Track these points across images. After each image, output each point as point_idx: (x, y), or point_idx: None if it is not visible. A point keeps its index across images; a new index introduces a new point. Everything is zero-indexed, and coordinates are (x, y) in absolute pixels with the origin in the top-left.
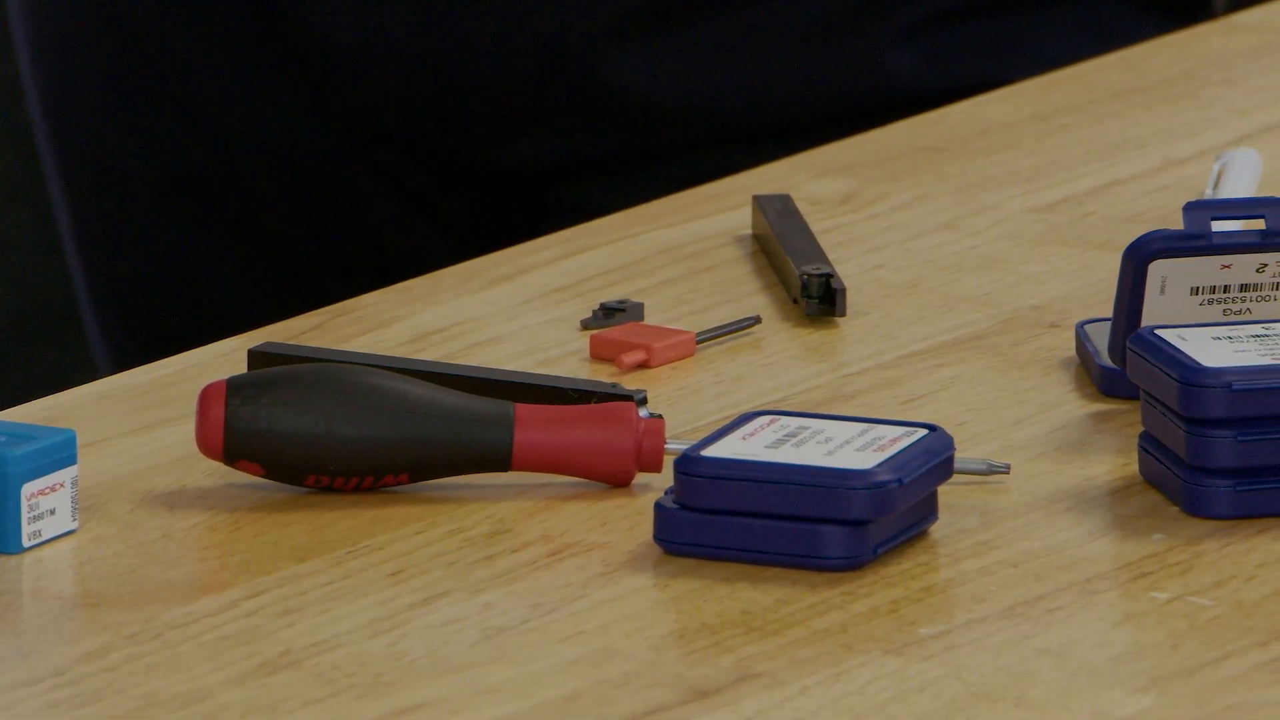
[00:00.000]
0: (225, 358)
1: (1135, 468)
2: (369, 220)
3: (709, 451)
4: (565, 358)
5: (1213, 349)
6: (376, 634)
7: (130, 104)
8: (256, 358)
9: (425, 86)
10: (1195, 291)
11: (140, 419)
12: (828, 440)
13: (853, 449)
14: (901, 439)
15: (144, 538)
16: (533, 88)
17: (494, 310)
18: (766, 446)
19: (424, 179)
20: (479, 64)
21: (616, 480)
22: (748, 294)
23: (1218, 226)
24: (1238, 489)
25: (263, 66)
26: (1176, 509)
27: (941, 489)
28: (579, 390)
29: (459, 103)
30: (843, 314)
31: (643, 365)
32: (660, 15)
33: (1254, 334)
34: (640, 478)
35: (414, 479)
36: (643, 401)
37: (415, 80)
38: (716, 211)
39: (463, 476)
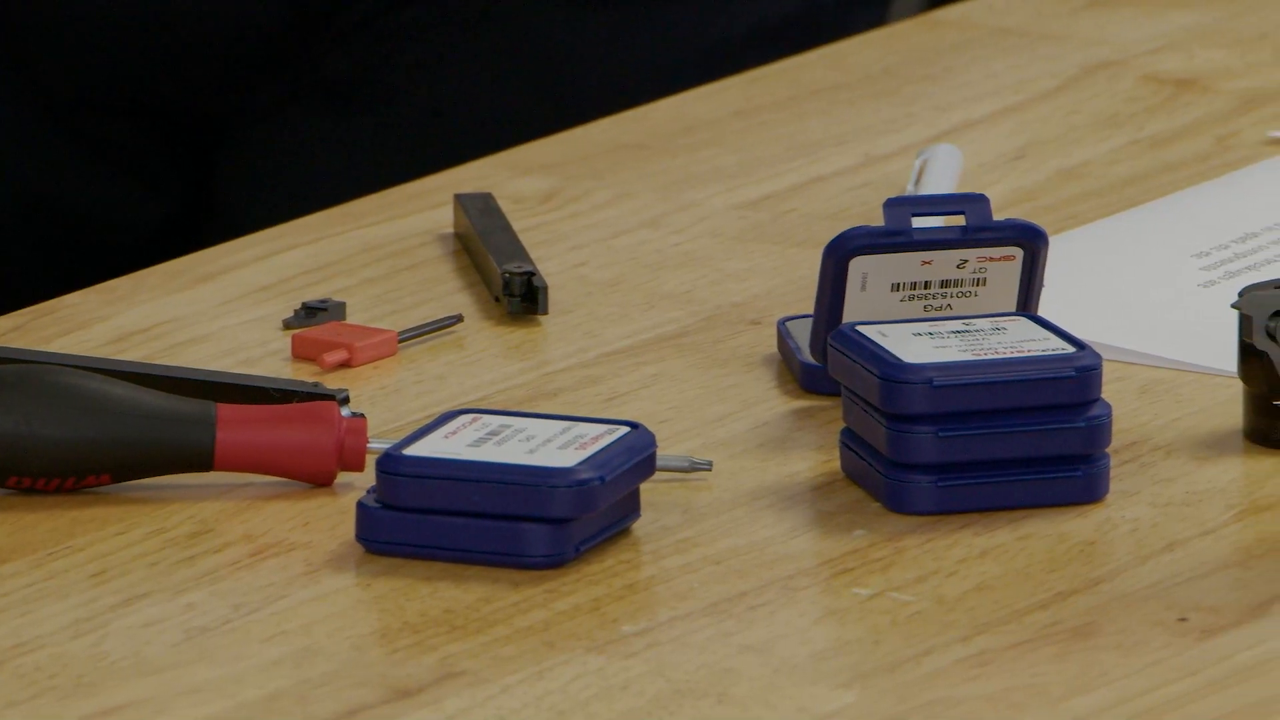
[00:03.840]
0: None
1: (837, 464)
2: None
3: (411, 450)
4: (267, 357)
5: (913, 345)
6: (78, 635)
7: None
8: None
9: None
10: (896, 288)
11: None
12: (530, 438)
13: (554, 447)
14: (603, 437)
15: None
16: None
17: (196, 310)
18: (469, 445)
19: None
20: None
21: (319, 480)
22: (450, 293)
23: (918, 223)
24: (939, 484)
25: None
26: (878, 505)
27: (644, 486)
28: (281, 390)
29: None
30: (545, 312)
31: (345, 364)
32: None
33: (954, 330)
34: (342, 477)
35: (116, 479)
36: (345, 401)
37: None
38: (418, 210)
39: (165, 476)
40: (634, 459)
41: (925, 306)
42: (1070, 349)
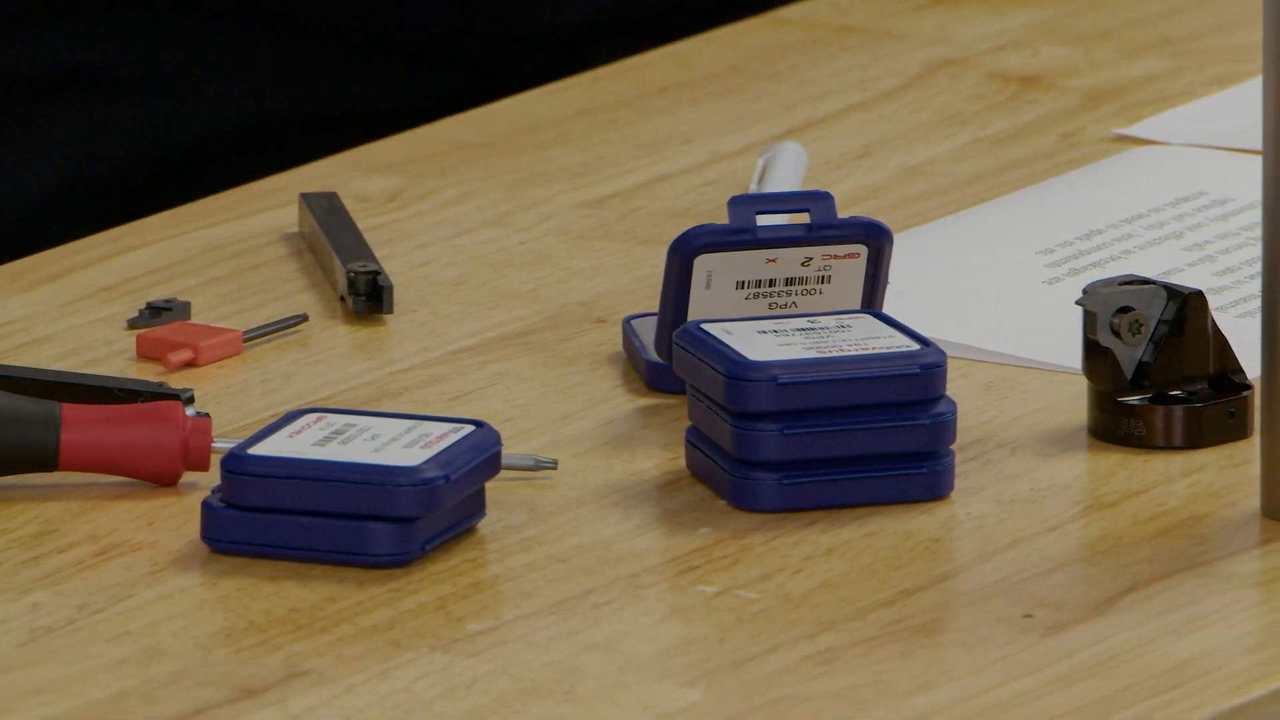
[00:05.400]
0: None
1: (683, 462)
2: None
3: (256, 450)
4: (112, 357)
5: (758, 343)
6: None
7: None
8: None
9: None
10: (741, 285)
11: None
12: (375, 437)
13: (400, 446)
14: (449, 435)
15: None
16: None
17: (40, 310)
18: (314, 444)
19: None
20: None
21: (163, 479)
22: (295, 292)
23: (763, 220)
24: (783, 482)
25: None
26: (724, 503)
27: (489, 485)
28: (126, 389)
29: None
30: (390, 311)
31: (190, 364)
32: None
33: (800, 327)
34: (188, 476)
35: None
36: (189, 400)
37: None
38: (263, 209)
39: (9, 477)
40: (479, 457)
41: (770, 304)
42: (915, 346)
